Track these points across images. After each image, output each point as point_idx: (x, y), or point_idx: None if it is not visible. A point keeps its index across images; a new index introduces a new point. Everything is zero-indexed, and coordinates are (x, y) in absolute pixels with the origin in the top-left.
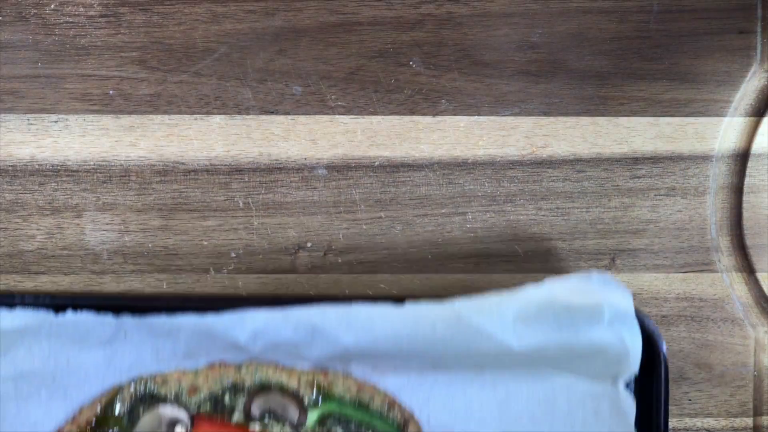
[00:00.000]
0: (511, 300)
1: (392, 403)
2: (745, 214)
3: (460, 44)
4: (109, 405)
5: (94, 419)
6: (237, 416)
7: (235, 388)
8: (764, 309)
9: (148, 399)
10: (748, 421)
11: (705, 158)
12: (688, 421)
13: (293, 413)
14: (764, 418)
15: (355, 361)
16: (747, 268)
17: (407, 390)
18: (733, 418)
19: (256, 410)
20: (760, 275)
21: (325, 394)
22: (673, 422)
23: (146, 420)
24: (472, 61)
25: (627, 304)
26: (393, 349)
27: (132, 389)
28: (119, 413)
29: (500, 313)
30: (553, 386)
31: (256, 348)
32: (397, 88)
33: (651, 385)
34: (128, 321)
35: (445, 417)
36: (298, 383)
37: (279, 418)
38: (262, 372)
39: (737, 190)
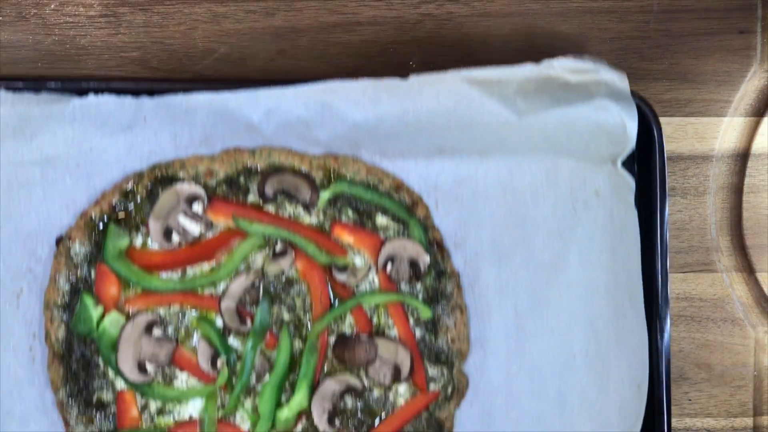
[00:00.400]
0: (511, 74)
1: (400, 186)
2: (745, 214)
3: (460, 44)
4: (130, 189)
5: (115, 201)
6: (252, 197)
7: (249, 172)
8: (764, 309)
9: (167, 182)
10: (748, 421)
11: (705, 158)
12: (688, 421)
13: (305, 193)
14: (764, 418)
15: (364, 145)
16: (747, 268)
17: (415, 174)
18: (733, 418)
19: (269, 190)
20: (760, 275)
21: (336, 176)
22: (673, 422)
23: (165, 197)
24: (472, 61)
25: (623, 83)
26: (399, 126)
27: (151, 174)
28: (139, 195)
29: (501, 87)
30: (555, 167)
31: (269, 128)
32: None
33: (649, 163)
34: (147, 102)
35: (451, 202)
36: (309, 167)
37: (291, 197)
38: (275, 157)
39: (737, 190)
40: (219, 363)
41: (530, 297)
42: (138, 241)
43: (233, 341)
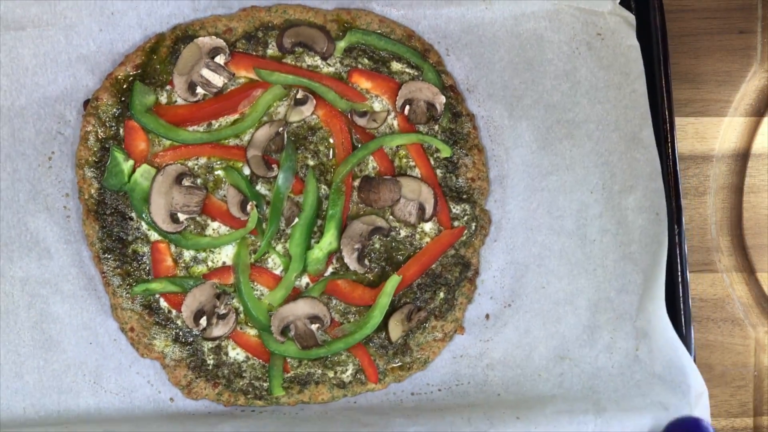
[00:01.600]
0: None
1: (411, 35)
2: (745, 214)
3: None
4: (152, 49)
5: (138, 61)
6: (271, 51)
7: (267, 28)
8: (764, 309)
9: (188, 41)
10: (748, 421)
11: (705, 158)
12: None
13: (322, 44)
14: (764, 418)
15: None
16: (747, 268)
17: (424, 25)
18: (733, 418)
19: (287, 43)
20: (760, 275)
21: (350, 28)
22: None
23: (187, 51)
24: None
25: None
26: None
27: (173, 35)
28: (162, 54)
29: None
30: (557, 12)
31: None
32: None
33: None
34: None
35: (461, 49)
36: (323, 21)
37: (309, 49)
38: (290, 13)
39: (737, 190)
40: (248, 207)
41: (543, 135)
42: (163, 99)
43: (261, 189)
